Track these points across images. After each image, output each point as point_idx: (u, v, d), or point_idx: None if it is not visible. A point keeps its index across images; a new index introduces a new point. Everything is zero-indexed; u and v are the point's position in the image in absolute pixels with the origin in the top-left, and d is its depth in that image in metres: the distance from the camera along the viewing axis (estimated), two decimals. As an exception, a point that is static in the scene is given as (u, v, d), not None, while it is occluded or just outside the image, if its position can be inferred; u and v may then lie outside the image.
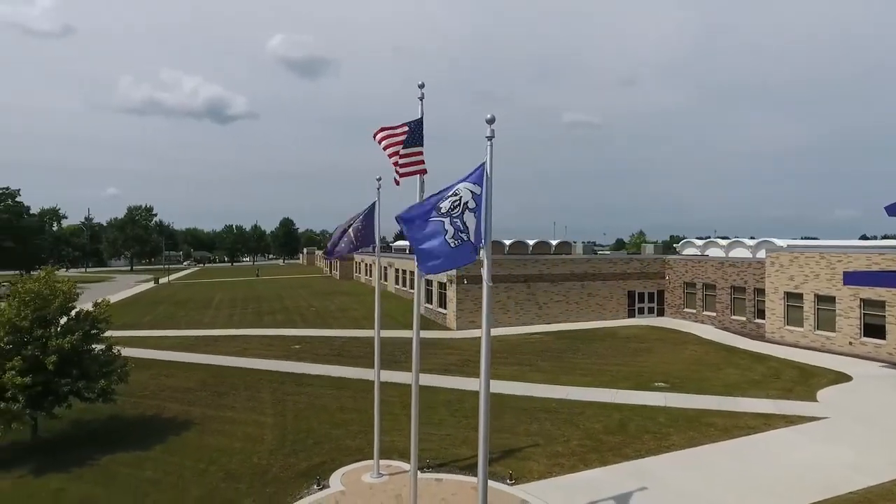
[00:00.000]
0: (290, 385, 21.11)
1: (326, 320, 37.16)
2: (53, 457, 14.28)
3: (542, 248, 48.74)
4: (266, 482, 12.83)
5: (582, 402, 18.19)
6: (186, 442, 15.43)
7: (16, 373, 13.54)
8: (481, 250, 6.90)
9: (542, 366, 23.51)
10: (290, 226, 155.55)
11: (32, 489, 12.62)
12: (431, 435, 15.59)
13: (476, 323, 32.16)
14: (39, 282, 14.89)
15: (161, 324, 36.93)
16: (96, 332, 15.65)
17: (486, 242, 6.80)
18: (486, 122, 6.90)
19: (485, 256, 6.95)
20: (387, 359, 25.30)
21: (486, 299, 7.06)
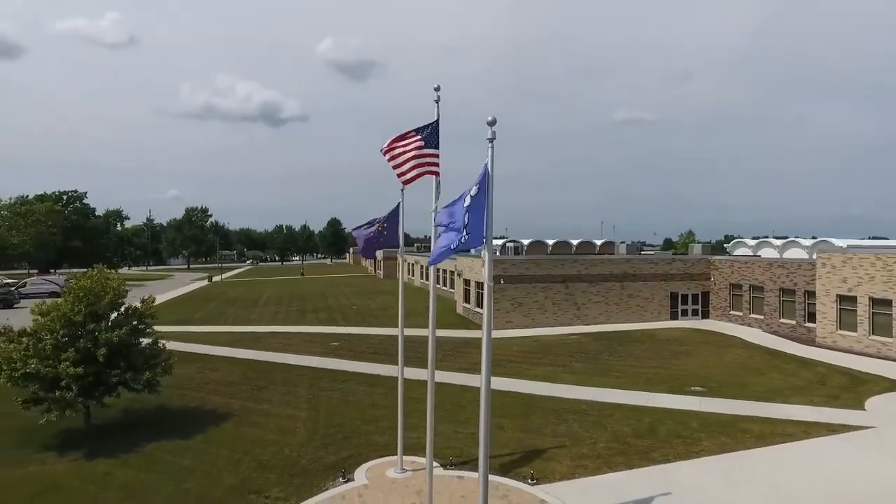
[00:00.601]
0: (325, 381, 21.73)
1: (366, 318, 37.91)
2: (103, 443, 15.25)
3: (585, 248, 48.13)
4: (295, 473, 13.32)
5: (613, 405, 17.95)
6: (224, 433, 16.18)
7: (70, 364, 14.55)
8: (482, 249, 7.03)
9: (576, 367, 23.29)
10: (337, 226, 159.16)
11: (83, 472, 13.55)
12: (457, 433, 15.77)
13: (513, 322, 32.15)
14: (92, 279, 15.95)
15: (211, 320, 38.57)
16: (143, 327, 16.64)
17: (486, 241, 6.92)
18: (487, 125, 7.02)
19: (485, 255, 7.07)
20: (419, 357, 25.66)
21: (487, 298, 7.18)
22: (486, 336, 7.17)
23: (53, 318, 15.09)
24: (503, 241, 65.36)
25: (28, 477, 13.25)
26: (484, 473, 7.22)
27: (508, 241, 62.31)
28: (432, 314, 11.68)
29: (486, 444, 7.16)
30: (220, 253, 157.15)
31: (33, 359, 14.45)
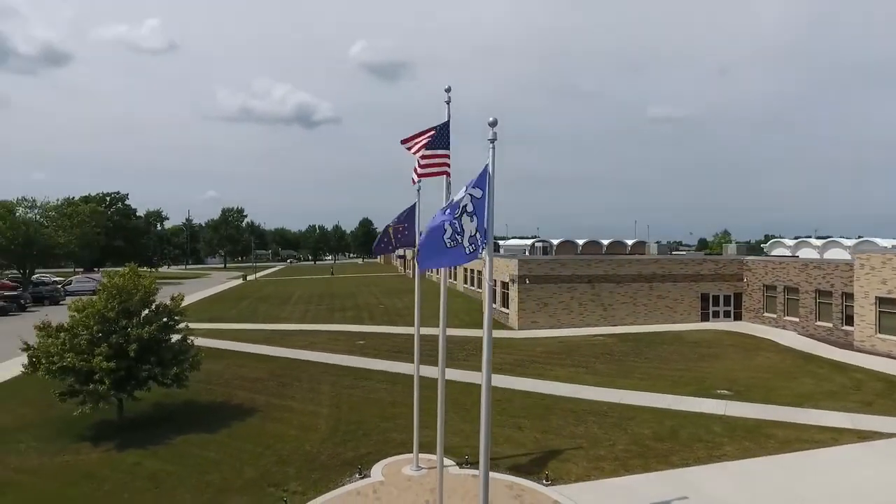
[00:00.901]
0: (348, 378, 22.07)
1: (392, 318, 38.28)
2: (134, 435, 15.88)
3: (616, 248, 47.52)
4: (313, 468, 13.62)
5: (634, 407, 17.73)
6: (248, 427, 16.64)
7: (103, 358, 15.20)
8: (483, 251, 7.09)
9: (600, 368, 23.05)
10: (368, 226, 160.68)
11: (114, 462, 14.16)
12: (476, 432, 15.69)
13: (539, 323, 31.99)
14: (124, 277, 16.62)
15: (243, 318, 39.58)
16: (172, 324, 17.24)
17: (487, 243, 6.98)
18: (488, 125, 7.09)
19: (486, 257, 7.14)
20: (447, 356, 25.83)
21: (487, 299, 7.24)
22: (487, 334, 7.24)
23: (88, 315, 15.79)
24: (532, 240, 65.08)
25: (64, 466, 13.91)
26: (485, 471, 7.27)
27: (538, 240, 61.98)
28: (443, 313, 11.78)
29: (488, 443, 7.22)
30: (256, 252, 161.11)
31: (69, 353, 15.15)
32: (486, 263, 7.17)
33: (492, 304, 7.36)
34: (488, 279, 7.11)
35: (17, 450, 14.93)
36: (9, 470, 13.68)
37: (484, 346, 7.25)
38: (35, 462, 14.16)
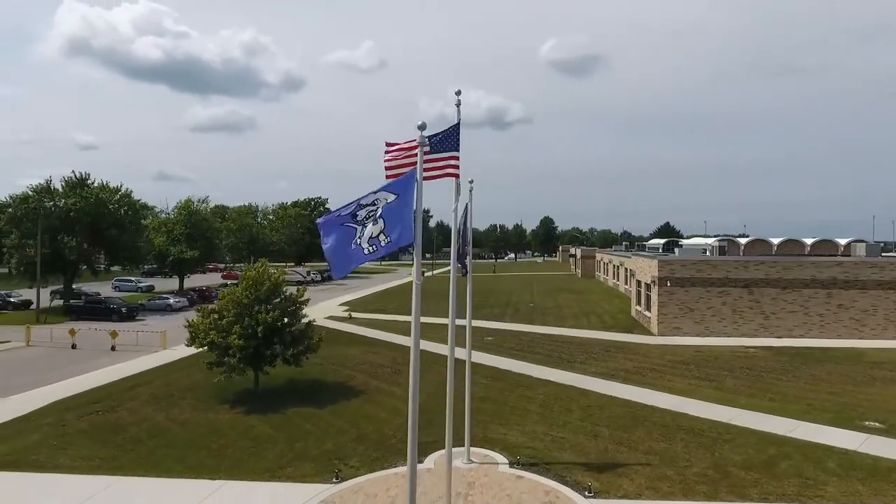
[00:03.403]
0: (456, 371, 22.96)
1: (534, 317, 38.23)
2: (261, 403, 18.87)
3: (823, 248, 40.88)
4: (380, 448, 14.86)
5: (742, 429, 15.60)
6: (350, 407, 18.60)
7: (237, 337, 18.45)
8: (412, 250, 7.41)
9: (727, 383, 20.46)
10: (549, 224, 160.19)
11: (237, 423, 17.12)
12: (545, 435, 15.58)
13: (683, 329, 29.25)
14: (257, 270, 19.83)
15: (399, 310, 43.09)
16: (294, 310, 20.02)
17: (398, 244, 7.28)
18: (417, 129, 7.39)
19: (415, 258, 7.44)
20: (563, 357, 25.27)
21: (416, 298, 7.51)
22: (415, 339, 7.54)
23: (228, 301, 19.24)
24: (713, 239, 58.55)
25: (203, 421, 17.27)
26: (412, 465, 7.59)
27: (720, 239, 55.85)
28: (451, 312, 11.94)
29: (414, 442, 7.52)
30: (443, 250, 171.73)
31: (213, 331, 18.69)
32: (414, 263, 7.46)
33: (419, 306, 7.62)
34: (417, 279, 7.41)
35: (180, 405, 18.87)
36: (167, 420, 17.44)
37: (412, 354, 7.55)
38: (186, 416, 17.80)
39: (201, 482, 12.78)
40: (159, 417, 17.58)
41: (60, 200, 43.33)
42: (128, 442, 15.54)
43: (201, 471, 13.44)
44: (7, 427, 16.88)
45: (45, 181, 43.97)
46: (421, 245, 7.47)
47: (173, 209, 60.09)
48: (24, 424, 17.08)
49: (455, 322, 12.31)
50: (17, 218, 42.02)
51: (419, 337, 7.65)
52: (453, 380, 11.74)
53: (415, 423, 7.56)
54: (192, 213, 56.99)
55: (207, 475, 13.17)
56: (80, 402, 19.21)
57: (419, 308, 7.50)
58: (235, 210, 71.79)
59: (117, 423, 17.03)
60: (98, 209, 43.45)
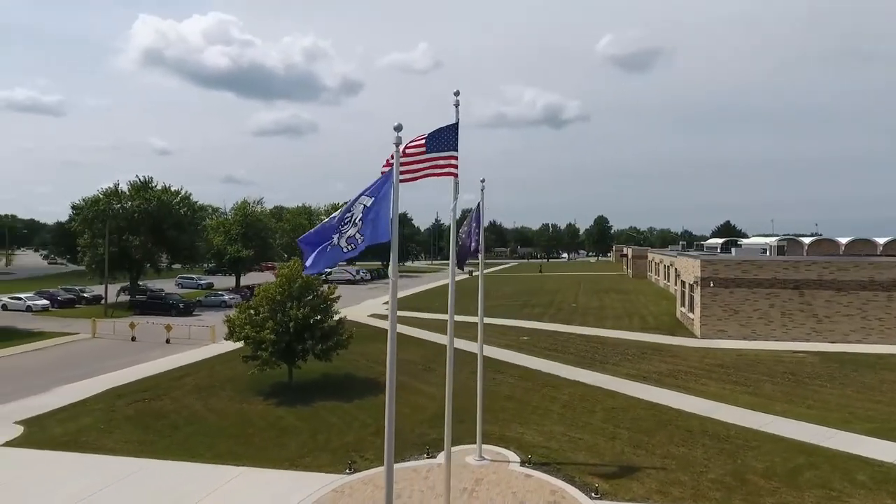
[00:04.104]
0: (487, 370, 23.01)
1: (574, 317, 37.67)
2: (292, 395, 19.65)
3: (858, 247, 38.37)
4: (398, 442, 14.98)
5: (771, 436, 14.96)
6: (374, 402, 19.07)
7: (269, 332, 19.31)
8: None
9: (765, 389, 19.58)
10: (603, 223, 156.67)
11: (267, 413, 17.93)
12: (562, 435, 15.50)
13: (727, 332, 28.12)
14: (290, 269, 20.65)
15: (442, 308, 43.41)
16: (325, 307, 20.70)
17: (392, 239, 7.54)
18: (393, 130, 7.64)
19: (392, 255, 7.69)
20: (596, 358, 24.85)
21: (392, 296, 7.76)
22: (392, 340, 7.78)
23: (262, 297, 20.15)
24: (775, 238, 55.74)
25: (236, 410, 18.18)
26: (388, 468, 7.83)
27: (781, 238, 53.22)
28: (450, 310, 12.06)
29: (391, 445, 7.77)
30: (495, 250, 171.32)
31: (248, 326, 19.64)
32: (391, 260, 7.71)
33: (396, 304, 7.85)
34: (392, 274, 7.66)
35: (218, 396, 19.93)
36: (205, 409, 18.47)
37: (389, 356, 7.81)
38: (222, 406, 18.79)
39: (225, 468, 13.53)
40: (198, 406, 18.64)
41: (127, 202, 46.37)
42: (166, 428, 16.60)
43: (227, 457, 14.21)
44: (65, 411, 18.37)
45: (113, 184, 47.21)
46: (398, 242, 7.70)
47: (230, 210, 62.95)
48: (80, 409, 18.53)
49: (454, 319, 12.47)
50: (88, 219, 45.30)
51: (395, 331, 7.89)
52: (452, 380, 11.89)
53: (391, 420, 7.81)
54: (248, 213, 59.53)
55: (232, 461, 13.92)
56: (131, 390, 20.62)
57: (395, 303, 7.73)
58: (290, 210, 74.32)
59: (160, 411, 18.20)
60: (160, 210, 46.22)
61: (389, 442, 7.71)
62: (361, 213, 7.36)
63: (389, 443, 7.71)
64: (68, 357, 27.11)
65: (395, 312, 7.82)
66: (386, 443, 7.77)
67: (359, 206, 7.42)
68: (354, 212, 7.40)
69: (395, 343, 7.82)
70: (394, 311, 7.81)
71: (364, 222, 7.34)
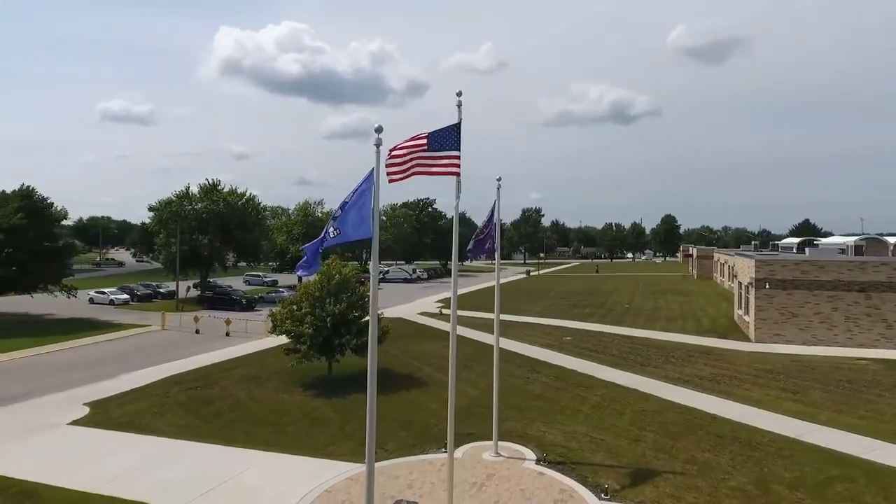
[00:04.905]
0: (522, 369, 23.11)
1: (624, 318, 36.73)
2: (330, 388, 20.47)
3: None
4: (420, 436, 15.62)
5: (808, 445, 14.18)
6: (407, 396, 19.60)
7: (308, 326, 20.25)
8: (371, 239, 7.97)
9: (814, 396, 18.45)
10: (671, 223, 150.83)
11: (305, 404, 18.82)
12: (584, 436, 15.36)
13: (784, 336, 26.61)
14: (329, 266, 21.53)
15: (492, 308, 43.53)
16: (361, 304, 21.42)
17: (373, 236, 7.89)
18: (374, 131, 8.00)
19: (372, 252, 8.04)
20: (637, 360, 24.22)
21: (373, 293, 8.10)
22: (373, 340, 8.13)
23: (302, 293, 21.14)
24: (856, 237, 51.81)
25: (276, 400, 19.20)
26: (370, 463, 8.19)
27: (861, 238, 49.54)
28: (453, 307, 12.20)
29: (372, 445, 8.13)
30: (557, 250, 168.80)
31: (288, 320, 20.67)
32: (373, 258, 8.06)
33: (377, 303, 8.17)
34: (374, 272, 8.01)
35: (263, 386, 21.08)
36: (248, 398, 19.62)
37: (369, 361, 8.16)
38: (264, 395, 19.90)
39: (254, 452, 14.40)
40: (243, 395, 19.83)
41: (197, 204, 49.57)
42: (211, 414, 17.81)
43: (259, 443, 15.09)
44: (126, 395, 20.06)
45: (184, 187, 50.60)
46: (378, 239, 8.04)
47: (293, 211, 65.76)
48: (139, 394, 20.18)
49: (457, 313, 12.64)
50: (163, 220, 48.82)
51: (377, 332, 8.22)
52: (455, 380, 12.10)
53: (373, 414, 8.16)
54: (309, 214, 62.01)
55: (262, 447, 14.79)
56: (186, 379, 22.18)
57: (377, 298, 8.08)
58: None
59: (208, 398, 19.52)
60: (227, 211, 49.09)
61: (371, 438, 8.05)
62: (342, 207, 7.76)
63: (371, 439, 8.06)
64: (139, 347, 29.44)
65: (376, 307, 8.16)
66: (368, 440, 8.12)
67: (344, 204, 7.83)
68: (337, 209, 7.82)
69: (376, 350, 8.15)
70: (374, 306, 8.15)
71: (342, 217, 7.72)
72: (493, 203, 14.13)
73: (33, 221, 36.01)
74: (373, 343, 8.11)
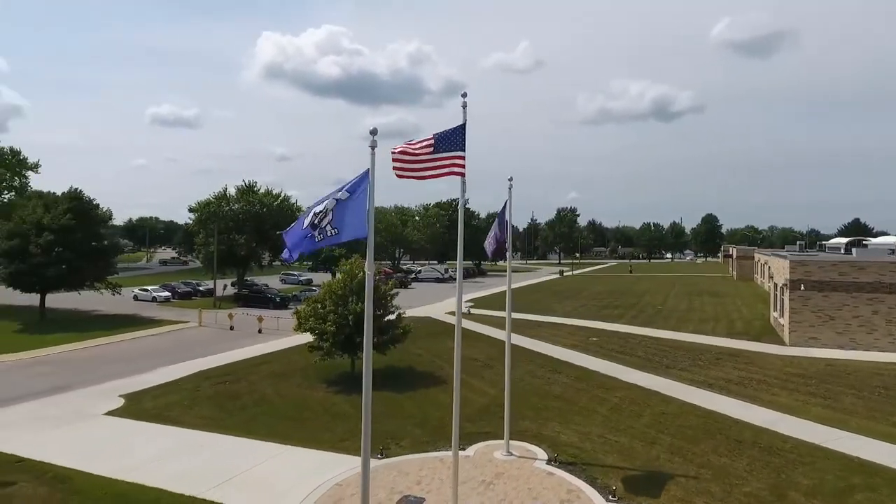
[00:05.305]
0: (543, 370, 23.02)
1: (655, 319, 36.01)
2: (352, 385, 20.79)
3: None
4: (434, 433, 15.79)
5: (831, 452, 13.71)
6: (426, 394, 19.80)
7: (331, 324, 20.71)
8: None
9: (846, 402, 17.76)
10: (713, 222, 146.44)
11: (326, 400, 19.27)
12: (599, 437, 15.25)
13: (820, 340, 25.64)
14: (350, 266, 21.95)
15: (526, 308, 43.19)
16: (383, 302, 21.75)
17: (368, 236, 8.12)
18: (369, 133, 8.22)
19: (368, 251, 8.26)
20: (662, 363, 23.77)
21: (369, 291, 8.30)
22: (368, 338, 8.33)
23: (325, 292, 21.63)
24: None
25: (299, 395, 19.71)
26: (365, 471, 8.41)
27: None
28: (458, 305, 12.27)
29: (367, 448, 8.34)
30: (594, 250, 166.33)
31: (311, 318, 21.19)
32: (368, 256, 8.28)
33: (372, 301, 8.37)
34: (369, 269, 8.22)
35: (288, 382, 21.66)
36: (273, 393, 20.21)
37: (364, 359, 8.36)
38: (289, 391, 20.45)
39: (272, 445, 14.88)
40: (268, 390, 20.43)
41: (234, 205, 51.12)
42: (237, 408, 18.44)
43: (278, 436, 15.56)
44: (160, 388, 20.95)
45: (222, 189, 52.23)
46: (373, 239, 8.25)
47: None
48: (172, 388, 21.03)
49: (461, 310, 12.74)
50: (202, 220, 50.53)
51: (372, 330, 8.43)
52: (459, 379, 12.22)
53: (368, 415, 8.36)
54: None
55: (281, 440, 15.25)
56: (217, 374, 22.99)
57: (371, 299, 8.29)
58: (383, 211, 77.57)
59: (235, 392, 20.20)
60: (262, 212, 50.44)
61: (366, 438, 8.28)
62: (334, 206, 8.01)
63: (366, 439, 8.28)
64: (176, 342, 30.64)
65: (371, 306, 8.37)
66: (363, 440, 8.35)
67: (331, 200, 8.07)
68: (327, 203, 8.06)
69: (370, 353, 8.37)
70: (369, 305, 8.36)
71: (338, 216, 7.97)
72: (505, 203, 14.19)
73: (81, 222, 37.82)
74: (367, 345, 8.32)
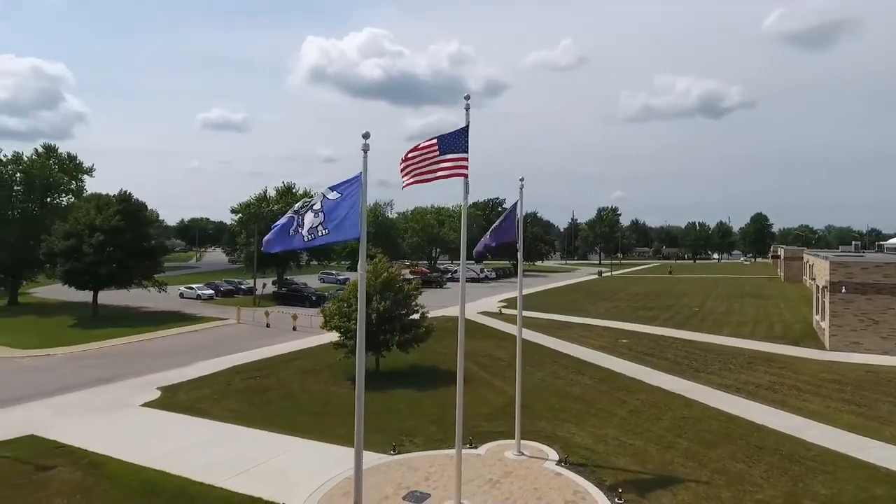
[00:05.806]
0: (567, 371, 22.87)
1: (690, 322, 35.10)
2: (376, 382, 21.10)
3: None
4: (448, 431, 15.83)
5: (857, 461, 13.19)
6: (445, 393, 19.93)
7: (354, 322, 21.18)
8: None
9: (882, 410, 17.00)
10: (762, 222, 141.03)
11: (346, 396, 19.51)
12: (613, 439, 15.16)
13: (862, 345, 24.51)
14: (376, 265, 22.39)
15: (558, 309, 42.92)
16: (406, 301, 22.09)
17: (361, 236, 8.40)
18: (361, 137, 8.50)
19: (360, 251, 8.54)
20: (691, 366, 23.21)
21: (361, 291, 8.57)
22: (361, 339, 8.60)
23: (349, 290, 22.14)
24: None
25: (322, 391, 20.28)
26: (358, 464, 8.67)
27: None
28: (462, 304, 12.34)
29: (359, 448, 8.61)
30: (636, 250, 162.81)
31: (336, 316, 21.74)
32: (361, 256, 8.55)
33: (364, 303, 8.63)
34: (361, 269, 8.50)
35: (315, 378, 22.29)
36: (299, 388, 20.84)
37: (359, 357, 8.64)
38: (314, 386, 21.06)
39: (291, 438, 15.42)
40: (295, 386, 21.09)
41: (273, 206, 52.70)
42: (263, 402, 19.13)
43: (298, 430, 16.09)
44: (194, 382, 21.92)
45: (262, 190, 53.92)
46: (366, 239, 8.52)
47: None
48: (205, 381, 21.98)
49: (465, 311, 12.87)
50: (244, 220, 52.33)
51: (365, 330, 8.70)
52: (463, 379, 12.37)
53: (361, 416, 8.64)
54: (378, 215, 64.08)
55: (300, 434, 15.77)
56: (249, 369, 23.87)
57: (364, 299, 8.56)
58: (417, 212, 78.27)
59: (264, 387, 20.94)
60: (300, 213, 51.82)
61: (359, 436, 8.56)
62: (322, 205, 8.30)
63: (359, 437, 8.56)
64: (214, 338, 31.91)
65: (364, 306, 8.64)
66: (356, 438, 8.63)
67: (319, 196, 8.38)
68: (314, 200, 8.38)
69: (363, 352, 8.62)
70: (362, 306, 8.64)
71: (328, 217, 8.27)
72: (515, 203, 14.26)
73: (130, 223, 39.83)
74: (360, 345, 8.60)
